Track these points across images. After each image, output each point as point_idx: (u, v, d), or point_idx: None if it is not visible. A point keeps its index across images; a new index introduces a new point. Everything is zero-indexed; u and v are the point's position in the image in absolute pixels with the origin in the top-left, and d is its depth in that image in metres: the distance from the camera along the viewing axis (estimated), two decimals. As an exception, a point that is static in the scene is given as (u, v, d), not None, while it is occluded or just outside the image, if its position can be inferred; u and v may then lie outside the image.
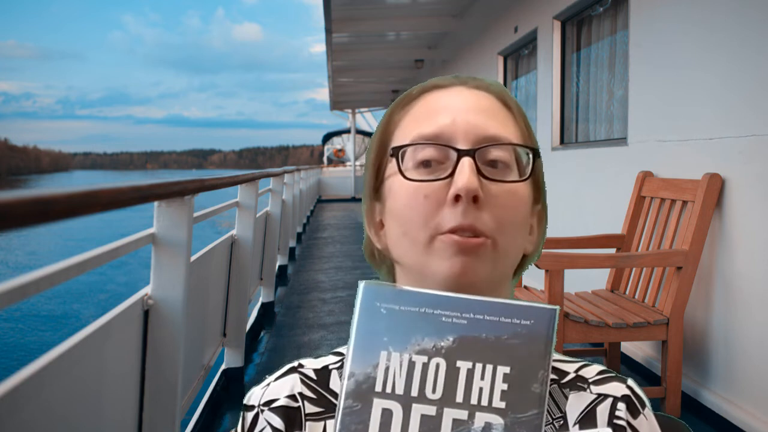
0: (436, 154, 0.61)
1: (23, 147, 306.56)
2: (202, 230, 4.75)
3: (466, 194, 0.57)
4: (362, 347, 0.49)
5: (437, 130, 0.62)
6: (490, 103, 0.65)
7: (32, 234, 18.66)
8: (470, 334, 0.48)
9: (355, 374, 0.48)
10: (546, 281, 2.65)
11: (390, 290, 0.50)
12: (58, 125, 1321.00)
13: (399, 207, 0.62)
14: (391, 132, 0.66)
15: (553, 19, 4.81)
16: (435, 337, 0.48)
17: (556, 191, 4.67)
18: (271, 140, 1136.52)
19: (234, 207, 3.49)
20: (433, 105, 0.64)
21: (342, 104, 18.40)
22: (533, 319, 0.49)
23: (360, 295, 0.50)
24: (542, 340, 0.48)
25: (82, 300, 10.09)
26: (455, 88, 0.66)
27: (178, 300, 1.90)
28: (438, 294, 0.50)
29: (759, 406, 2.49)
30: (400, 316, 0.49)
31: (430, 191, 0.60)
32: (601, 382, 0.64)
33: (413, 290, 0.50)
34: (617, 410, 0.61)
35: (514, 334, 0.48)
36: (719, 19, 2.73)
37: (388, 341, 0.48)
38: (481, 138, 0.61)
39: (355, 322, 0.49)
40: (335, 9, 6.51)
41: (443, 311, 0.49)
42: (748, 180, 2.58)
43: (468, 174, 0.58)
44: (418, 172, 0.61)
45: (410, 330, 0.49)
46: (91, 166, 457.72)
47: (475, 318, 0.49)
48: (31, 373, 1.07)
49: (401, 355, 0.48)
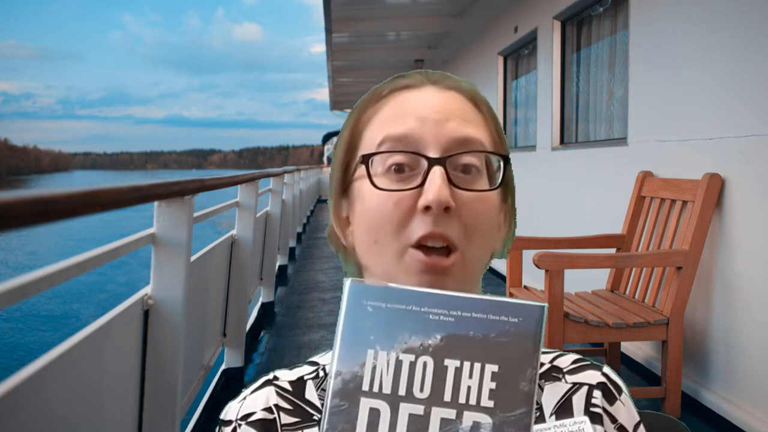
0: (407, 160, 0.60)
1: (23, 147, 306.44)
2: (202, 230, 4.75)
3: (436, 206, 0.57)
4: (349, 346, 0.48)
5: (406, 132, 0.60)
6: (460, 104, 0.63)
7: (32, 234, 18.66)
8: (458, 332, 0.48)
9: (341, 373, 0.47)
10: (546, 281, 2.65)
11: (377, 288, 0.49)
12: (58, 125, 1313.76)
13: (369, 214, 0.61)
14: (359, 132, 0.65)
15: (553, 19, 4.81)
16: (422, 335, 0.48)
17: (556, 191, 4.68)
18: (271, 140, 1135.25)
19: (234, 207, 3.49)
20: (402, 106, 0.63)
21: (342, 104, 18.40)
22: (521, 317, 0.48)
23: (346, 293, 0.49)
24: (531, 338, 0.48)
25: (82, 300, 10.09)
26: (426, 89, 0.64)
27: (178, 300, 1.90)
28: (426, 291, 0.49)
29: (759, 406, 2.49)
30: (386, 314, 0.48)
31: (399, 199, 0.59)
32: (576, 371, 0.64)
33: (400, 288, 0.49)
34: (593, 398, 0.62)
35: (502, 332, 0.48)
36: (719, 19, 2.73)
37: (375, 340, 0.48)
38: (452, 143, 0.60)
39: (341, 321, 0.49)
40: (335, 9, 6.51)
41: (431, 309, 0.48)
42: (748, 180, 2.58)
43: (439, 185, 0.57)
44: (387, 177, 0.60)
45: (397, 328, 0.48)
46: (91, 166, 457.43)
47: (462, 316, 0.48)
48: (31, 373, 1.07)
49: (388, 353, 0.47)
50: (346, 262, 0.69)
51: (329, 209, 0.68)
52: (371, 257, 0.62)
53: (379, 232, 0.60)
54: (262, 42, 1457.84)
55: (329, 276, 6.63)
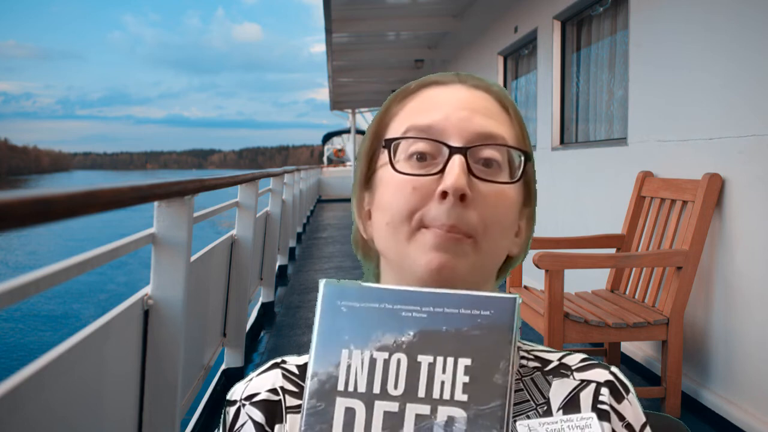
0: (429, 148, 0.61)
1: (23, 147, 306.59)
2: (202, 230, 4.75)
3: (453, 192, 0.57)
4: (324, 346, 0.48)
5: (431, 123, 0.61)
6: (487, 103, 0.64)
7: (32, 234, 18.66)
8: (431, 327, 0.48)
9: (318, 374, 0.48)
10: (546, 281, 2.65)
11: (351, 288, 0.49)
12: (58, 125, 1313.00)
13: (386, 197, 0.62)
14: (386, 124, 0.66)
15: (553, 19, 4.81)
16: (396, 332, 0.48)
17: (556, 191, 4.67)
18: (271, 140, 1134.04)
19: (234, 207, 3.49)
20: (429, 100, 0.64)
21: (342, 104, 18.39)
22: (494, 310, 0.48)
23: (321, 294, 0.50)
24: (504, 331, 0.48)
25: (82, 300, 10.09)
26: (454, 86, 0.65)
27: (178, 300, 1.90)
28: (398, 289, 0.49)
29: (759, 406, 2.49)
30: (360, 314, 0.49)
31: (419, 184, 0.60)
32: (585, 369, 0.64)
33: (374, 286, 0.49)
34: (600, 395, 0.62)
35: (474, 325, 0.48)
36: (719, 19, 2.73)
37: (350, 339, 0.48)
38: (475, 136, 0.61)
39: (316, 322, 0.49)
40: (335, 9, 6.51)
41: (403, 306, 0.48)
42: (748, 180, 2.58)
43: (457, 172, 0.57)
44: (409, 164, 0.61)
45: (371, 327, 0.48)
46: (91, 166, 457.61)
47: (435, 311, 0.48)
48: (31, 373, 1.07)
49: (362, 352, 0.48)
50: (367, 262, 0.69)
51: (352, 206, 0.69)
52: (384, 239, 0.63)
53: (393, 214, 0.60)
54: (262, 42, 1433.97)
55: (329, 276, 6.60)
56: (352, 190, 0.69)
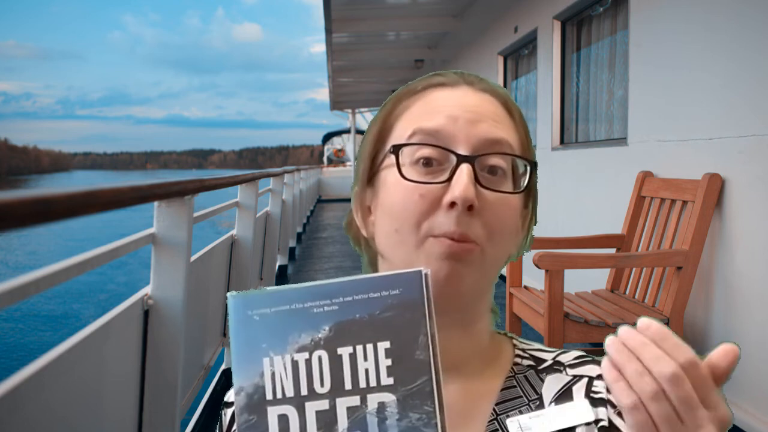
0: (436, 154, 0.60)
1: (23, 147, 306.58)
2: (202, 230, 4.75)
3: (462, 203, 0.57)
4: (243, 359, 0.48)
5: (438, 127, 0.61)
6: (494, 107, 0.64)
7: (32, 234, 18.66)
8: (344, 318, 0.48)
9: (244, 388, 0.47)
10: (546, 281, 2.66)
11: (258, 295, 0.49)
12: (58, 125, 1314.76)
13: (393, 203, 0.61)
14: (390, 124, 0.65)
15: (553, 19, 4.81)
16: (311, 330, 0.48)
17: (556, 191, 4.67)
18: (271, 140, 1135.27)
19: (234, 207, 3.49)
20: (436, 102, 0.63)
21: (342, 104, 18.40)
22: (402, 287, 0.48)
23: (230, 308, 0.49)
24: (416, 306, 0.47)
25: (82, 300, 10.09)
26: (460, 88, 0.65)
27: (178, 300, 1.90)
28: (304, 286, 0.49)
29: (759, 406, 2.49)
30: (273, 319, 0.48)
31: (426, 191, 0.59)
32: (578, 365, 0.65)
33: (280, 289, 0.49)
34: (593, 387, 0.62)
35: (385, 306, 0.47)
36: (719, 19, 2.73)
37: (268, 347, 0.48)
38: (483, 142, 0.60)
39: (231, 337, 0.48)
40: (335, 9, 6.51)
41: (313, 303, 0.48)
42: (748, 180, 2.58)
43: (466, 182, 0.57)
44: (415, 169, 0.61)
45: (286, 330, 0.48)
46: (91, 166, 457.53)
47: (345, 301, 0.48)
48: (31, 373, 1.07)
49: (283, 357, 0.47)
50: (361, 252, 0.69)
51: (352, 198, 0.69)
52: (391, 246, 0.62)
53: (401, 222, 0.60)
54: (262, 42, 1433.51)
55: (329, 276, 6.58)
56: (353, 185, 0.69)
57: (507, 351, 0.68)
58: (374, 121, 0.68)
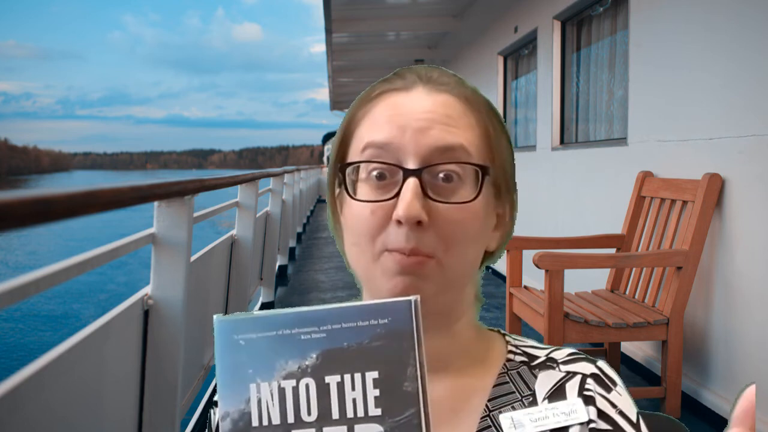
0: (386, 167, 0.60)
1: (23, 147, 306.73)
2: (202, 230, 4.75)
3: (406, 221, 0.56)
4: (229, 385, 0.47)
5: (387, 140, 0.60)
6: (449, 109, 0.62)
7: (32, 234, 18.66)
8: (332, 346, 0.47)
9: (229, 413, 0.46)
10: (546, 281, 2.66)
11: (244, 320, 0.48)
12: (58, 125, 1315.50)
13: (349, 218, 0.61)
14: (351, 132, 0.65)
15: (553, 19, 4.81)
16: (298, 357, 0.47)
17: (556, 191, 4.68)
18: (271, 140, 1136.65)
19: (234, 207, 3.49)
20: (389, 109, 0.62)
21: (342, 104, 18.40)
22: (390, 317, 0.47)
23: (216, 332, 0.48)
24: (405, 336, 0.47)
25: (82, 300, 10.09)
26: (415, 91, 0.63)
27: (178, 300, 1.90)
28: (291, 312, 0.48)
29: (759, 406, 2.48)
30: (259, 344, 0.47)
31: (376, 208, 0.59)
32: (571, 362, 0.65)
33: (267, 314, 0.48)
34: (586, 385, 0.62)
35: (374, 336, 0.47)
36: (719, 19, 2.73)
37: (254, 373, 0.47)
38: (432, 151, 0.59)
39: (217, 362, 0.48)
40: (335, 9, 6.51)
41: (300, 329, 0.47)
42: (748, 180, 2.58)
43: (409, 199, 0.56)
44: (369, 184, 0.60)
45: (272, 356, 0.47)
46: (91, 166, 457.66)
47: (333, 329, 0.47)
48: (31, 373, 1.07)
49: (270, 383, 0.47)
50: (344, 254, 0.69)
51: (327, 205, 0.69)
52: (352, 258, 0.63)
53: (357, 236, 0.60)
54: (262, 42, 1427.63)
55: (329, 276, 6.63)
56: (327, 192, 0.69)
57: (499, 348, 0.68)
58: (340, 127, 0.67)
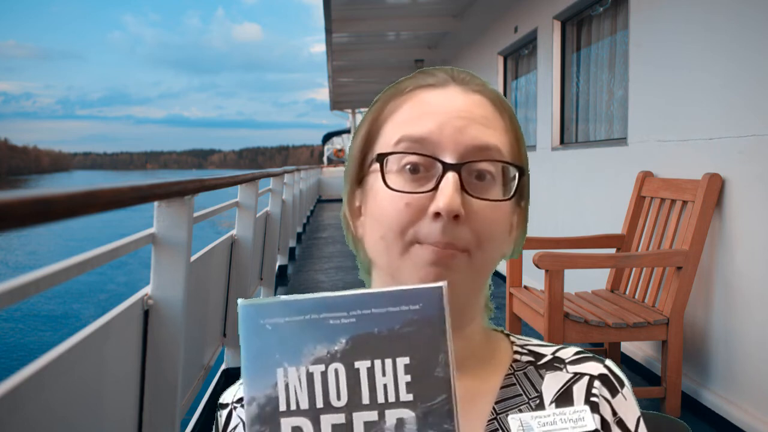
0: (423, 161, 0.60)
1: (23, 147, 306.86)
2: (202, 230, 4.75)
3: (446, 214, 0.56)
4: (255, 369, 0.47)
5: (425, 134, 0.60)
6: (483, 109, 0.62)
7: (32, 234, 18.66)
8: (362, 331, 0.46)
9: (256, 398, 0.46)
10: (546, 281, 2.66)
11: (271, 304, 0.48)
12: (58, 125, 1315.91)
13: (379, 210, 0.61)
14: (379, 127, 0.64)
15: (553, 19, 4.81)
16: (327, 342, 0.46)
17: (556, 191, 4.67)
18: (271, 140, 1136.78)
19: (234, 207, 3.49)
20: (423, 105, 0.62)
21: (342, 104, 18.40)
22: (422, 303, 0.47)
23: (241, 317, 0.48)
24: (436, 322, 0.46)
25: (82, 300, 10.09)
26: (450, 90, 0.63)
27: (178, 300, 1.90)
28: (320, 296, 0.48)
29: (759, 406, 2.49)
30: (287, 329, 0.47)
31: (411, 200, 0.59)
32: (578, 362, 0.64)
33: (294, 298, 0.48)
34: (593, 388, 0.62)
35: (405, 321, 0.46)
36: (719, 19, 2.73)
37: (281, 357, 0.46)
38: (470, 149, 0.59)
39: (242, 346, 0.47)
40: (335, 9, 6.51)
41: (329, 314, 0.47)
42: (748, 180, 2.58)
43: (451, 192, 0.57)
44: (402, 177, 0.60)
45: (301, 341, 0.47)
46: (91, 166, 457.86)
47: (363, 314, 0.47)
48: (31, 373, 1.07)
49: (298, 368, 0.46)
50: (356, 251, 0.69)
51: (343, 197, 0.68)
52: (377, 252, 0.62)
53: (386, 229, 0.60)
54: (262, 42, 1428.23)
55: (329, 276, 6.63)
56: (344, 182, 0.68)
57: (504, 348, 0.67)
58: (363, 122, 0.66)
